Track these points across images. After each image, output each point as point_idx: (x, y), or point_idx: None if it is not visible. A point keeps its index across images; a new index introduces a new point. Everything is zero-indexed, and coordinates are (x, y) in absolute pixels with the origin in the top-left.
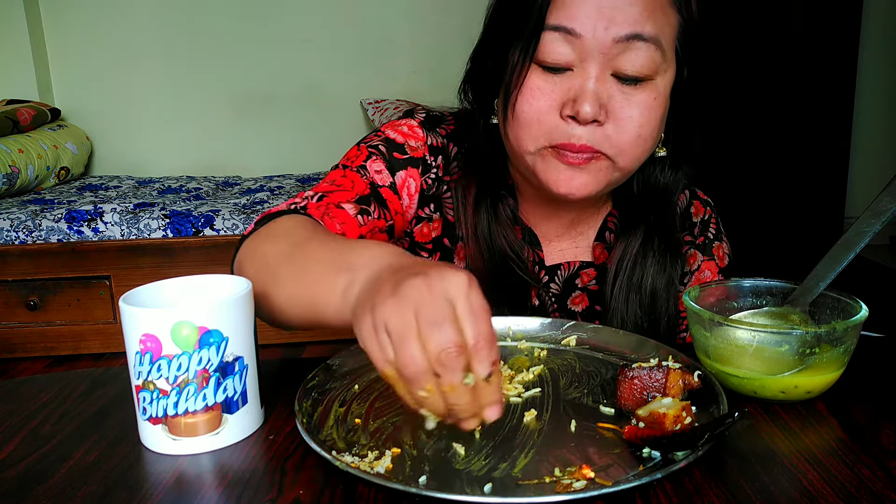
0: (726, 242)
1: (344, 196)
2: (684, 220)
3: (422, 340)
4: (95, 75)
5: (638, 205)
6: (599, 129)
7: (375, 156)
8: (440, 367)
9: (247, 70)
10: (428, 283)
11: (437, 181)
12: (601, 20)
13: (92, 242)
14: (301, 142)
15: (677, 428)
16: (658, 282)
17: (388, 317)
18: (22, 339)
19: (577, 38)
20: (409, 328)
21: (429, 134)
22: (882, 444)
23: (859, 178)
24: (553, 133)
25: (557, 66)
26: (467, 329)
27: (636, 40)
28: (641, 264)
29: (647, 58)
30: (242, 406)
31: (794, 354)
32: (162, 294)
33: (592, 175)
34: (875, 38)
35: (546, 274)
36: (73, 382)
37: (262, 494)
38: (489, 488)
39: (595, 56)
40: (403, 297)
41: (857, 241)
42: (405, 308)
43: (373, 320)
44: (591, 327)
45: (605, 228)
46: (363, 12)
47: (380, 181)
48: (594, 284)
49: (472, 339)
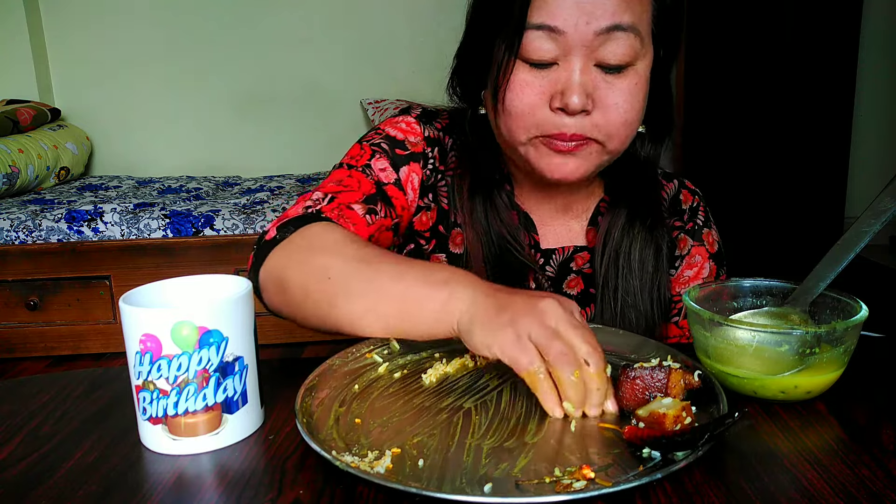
0: (715, 230)
1: (352, 196)
2: (674, 207)
3: (566, 341)
4: (95, 75)
5: (622, 180)
6: (588, 117)
7: (379, 154)
8: (588, 355)
9: (247, 70)
10: (558, 300)
11: (435, 171)
12: (582, 15)
13: (92, 242)
14: (301, 142)
15: (677, 428)
16: (645, 254)
17: (532, 328)
18: (22, 339)
19: (560, 35)
20: (555, 334)
21: (425, 127)
22: (882, 444)
23: (859, 178)
24: (544, 124)
25: (543, 62)
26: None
27: (616, 31)
28: (628, 235)
29: (627, 46)
30: (242, 406)
31: (794, 354)
32: (162, 294)
33: (583, 159)
34: (875, 38)
35: (542, 257)
36: (73, 382)
37: (262, 494)
38: (489, 488)
39: (578, 49)
40: (543, 313)
41: (857, 241)
42: (546, 320)
43: (515, 332)
44: (591, 327)
45: (598, 213)
46: (363, 12)
47: (385, 179)
48: (588, 268)
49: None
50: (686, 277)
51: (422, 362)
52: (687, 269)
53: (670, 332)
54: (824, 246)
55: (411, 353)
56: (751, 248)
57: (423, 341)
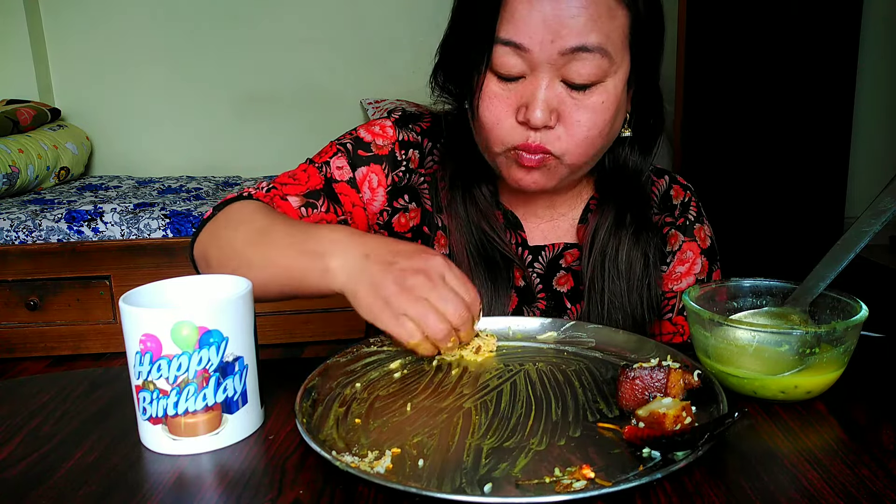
0: (708, 225)
1: (294, 189)
2: (665, 203)
3: (440, 314)
4: (95, 75)
5: (609, 183)
6: (551, 132)
7: (341, 153)
8: (460, 326)
9: (247, 70)
10: (424, 271)
11: (410, 172)
12: (547, 34)
13: (92, 242)
14: (301, 142)
15: (677, 428)
16: (633, 255)
17: (406, 307)
18: (22, 339)
19: (526, 52)
20: (428, 310)
21: (400, 131)
22: (882, 444)
23: (859, 178)
24: (512, 135)
25: (510, 76)
26: (462, 293)
27: (582, 52)
28: (615, 236)
29: (593, 66)
30: (242, 406)
31: (794, 354)
32: (162, 294)
33: (543, 172)
34: (875, 38)
35: (530, 254)
36: (73, 382)
37: (262, 494)
38: (489, 488)
39: (544, 66)
40: (413, 289)
41: (857, 241)
42: (416, 296)
43: (392, 313)
44: (591, 327)
45: (588, 211)
46: (363, 12)
47: (339, 176)
48: (578, 265)
49: (468, 299)
50: (678, 273)
51: (422, 362)
52: (679, 264)
53: (664, 329)
54: (824, 246)
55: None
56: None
57: None
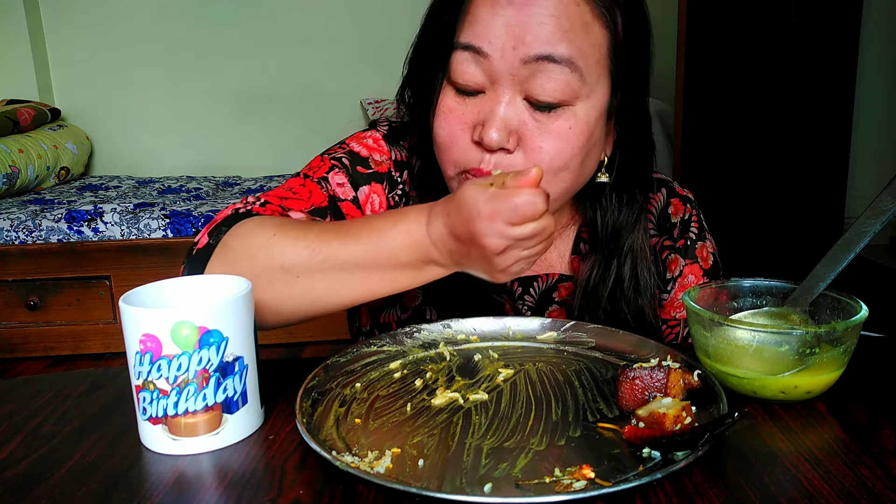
0: (710, 240)
1: (298, 205)
2: (663, 223)
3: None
4: (95, 75)
5: (592, 235)
6: (508, 156)
7: (339, 168)
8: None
9: (247, 70)
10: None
11: (405, 196)
12: (509, 39)
13: (92, 242)
14: (301, 142)
15: (677, 428)
16: (628, 294)
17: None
18: (22, 339)
19: (485, 59)
20: (528, 260)
21: (392, 148)
22: (882, 444)
23: (859, 178)
24: (466, 156)
25: (468, 88)
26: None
27: (547, 62)
28: (605, 280)
29: (560, 81)
30: (242, 406)
31: (794, 354)
32: (162, 294)
33: None
34: (875, 38)
35: (520, 286)
36: (73, 382)
37: (262, 494)
38: (489, 488)
39: (505, 78)
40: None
41: (857, 241)
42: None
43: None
44: (591, 327)
45: (580, 240)
46: (363, 12)
47: (341, 195)
48: (571, 299)
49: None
50: (680, 301)
51: (422, 362)
52: (681, 290)
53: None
54: (824, 246)
55: (415, 350)
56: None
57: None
